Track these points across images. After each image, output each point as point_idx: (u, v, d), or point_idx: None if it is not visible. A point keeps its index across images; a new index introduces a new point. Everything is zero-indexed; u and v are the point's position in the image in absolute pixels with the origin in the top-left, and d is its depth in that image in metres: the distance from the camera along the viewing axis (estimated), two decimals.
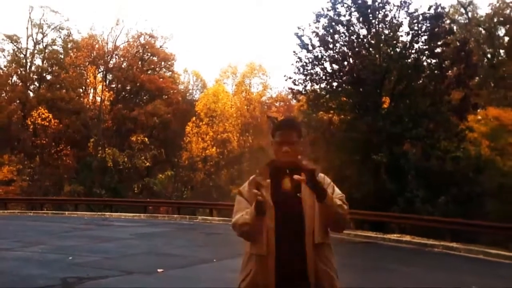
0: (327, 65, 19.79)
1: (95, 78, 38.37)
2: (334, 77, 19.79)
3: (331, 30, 19.36)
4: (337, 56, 19.41)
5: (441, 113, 18.22)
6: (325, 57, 19.65)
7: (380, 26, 19.36)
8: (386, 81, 19.15)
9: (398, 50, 18.81)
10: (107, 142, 35.77)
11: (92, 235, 13.41)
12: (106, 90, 38.33)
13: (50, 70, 39.05)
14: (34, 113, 34.80)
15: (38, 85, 38.84)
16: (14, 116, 36.32)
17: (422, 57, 19.08)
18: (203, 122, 37.82)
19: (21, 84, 37.75)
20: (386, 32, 19.29)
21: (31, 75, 38.72)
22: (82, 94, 39.77)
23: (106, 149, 34.82)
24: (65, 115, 35.91)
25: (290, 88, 21.09)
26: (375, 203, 16.45)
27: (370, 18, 19.15)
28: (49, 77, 38.98)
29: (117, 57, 39.77)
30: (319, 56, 19.67)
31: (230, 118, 38.76)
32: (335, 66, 19.59)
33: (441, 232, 13.75)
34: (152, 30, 40.76)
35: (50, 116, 34.85)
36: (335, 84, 20.04)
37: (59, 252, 9.91)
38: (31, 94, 37.82)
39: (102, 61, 38.62)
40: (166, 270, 8.01)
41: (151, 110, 36.59)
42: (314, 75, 19.94)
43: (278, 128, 2.45)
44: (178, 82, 44.31)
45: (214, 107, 38.41)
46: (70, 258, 9.01)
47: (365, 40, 19.64)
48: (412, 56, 18.92)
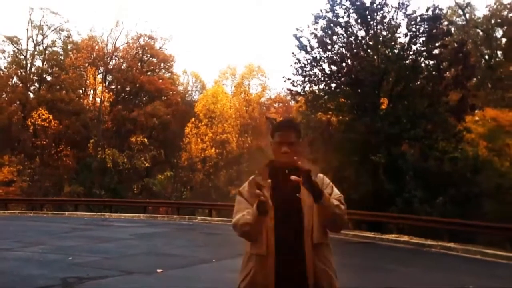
0: (326, 66, 19.88)
1: (95, 79, 38.40)
2: (333, 78, 19.82)
3: (330, 32, 19.39)
4: (335, 57, 19.44)
5: (439, 114, 18.26)
6: (323, 58, 19.69)
7: (378, 27, 19.38)
8: (384, 82, 19.18)
9: (396, 51, 18.85)
10: (107, 143, 35.80)
11: (92, 236, 13.45)
12: (106, 91, 38.39)
13: (50, 71, 39.14)
14: (34, 114, 34.87)
15: (38, 86, 38.93)
16: (14, 117, 36.38)
17: (420, 58, 19.11)
18: (202, 123, 37.85)
19: (21, 85, 37.82)
20: (384, 33, 19.31)
21: (31, 76, 38.78)
22: (82, 95, 39.82)
23: (106, 150, 34.85)
24: (65, 116, 35.96)
25: (288, 89, 21.08)
26: (373, 204, 16.50)
27: (368, 20, 19.17)
28: (49, 78, 39.10)
29: (116, 58, 39.88)
30: (318, 57, 19.71)
31: (229, 119, 38.77)
32: (334, 68, 19.62)
33: (439, 232, 13.77)
34: (151, 31, 40.84)
35: (50, 117, 34.91)
36: (334, 85, 20.09)
37: (59, 252, 9.93)
38: (31, 95, 37.90)
39: (101, 62, 38.66)
40: (165, 270, 8.03)
41: (151, 111, 36.64)
42: (313, 76, 19.96)
43: (277, 128, 2.45)
44: (177, 83, 44.39)
45: (213, 108, 38.44)
46: (70, 258, 9.03)
47: (363, 41, 19.66)
48: (410, 57, 18.96)
